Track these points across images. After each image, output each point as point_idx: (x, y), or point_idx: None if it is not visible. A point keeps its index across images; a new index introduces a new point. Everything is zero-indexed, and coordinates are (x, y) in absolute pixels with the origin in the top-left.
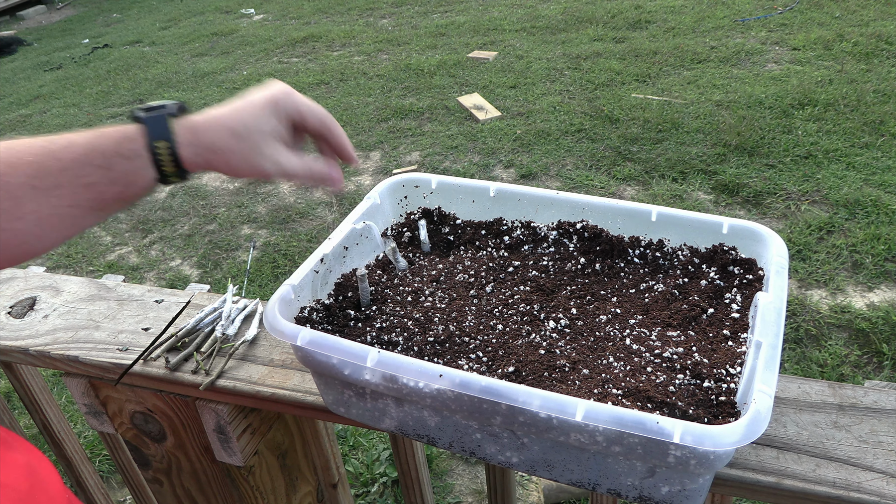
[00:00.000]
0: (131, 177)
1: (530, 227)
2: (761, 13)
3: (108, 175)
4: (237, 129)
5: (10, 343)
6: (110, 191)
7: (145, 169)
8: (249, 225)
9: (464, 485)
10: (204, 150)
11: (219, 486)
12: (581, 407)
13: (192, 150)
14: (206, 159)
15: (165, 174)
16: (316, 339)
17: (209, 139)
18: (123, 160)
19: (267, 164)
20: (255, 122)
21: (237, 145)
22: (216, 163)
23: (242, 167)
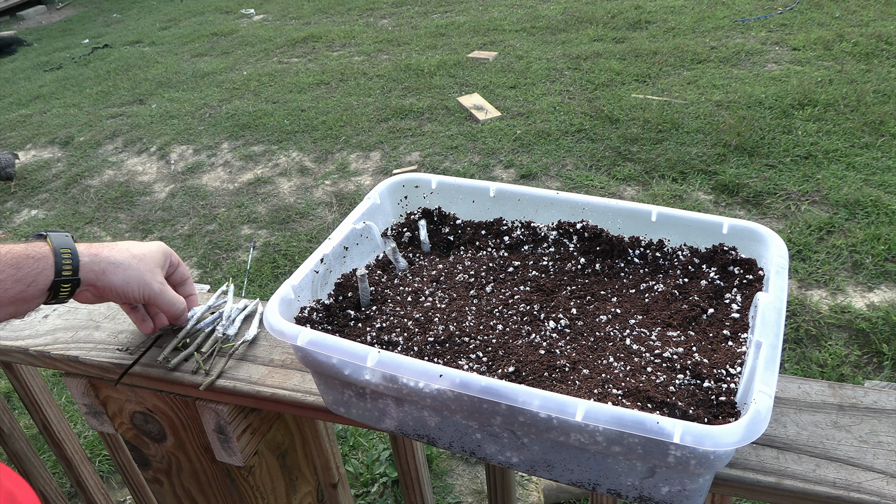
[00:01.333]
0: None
1: (530, 227)
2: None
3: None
4: (136, 253)
5: (10, 343)
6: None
7: (47, 270)
8: (249, 225)
9: (464, 485)
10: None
11: (219, 486)
12: (581, 407)
13: (92, 259)
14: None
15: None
16: (316, 339)
17: (108, 255)
18: (31, 260)
19: (156, 285)
20: (151, 254)
21: (136, 264)
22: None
23: (134, 282)
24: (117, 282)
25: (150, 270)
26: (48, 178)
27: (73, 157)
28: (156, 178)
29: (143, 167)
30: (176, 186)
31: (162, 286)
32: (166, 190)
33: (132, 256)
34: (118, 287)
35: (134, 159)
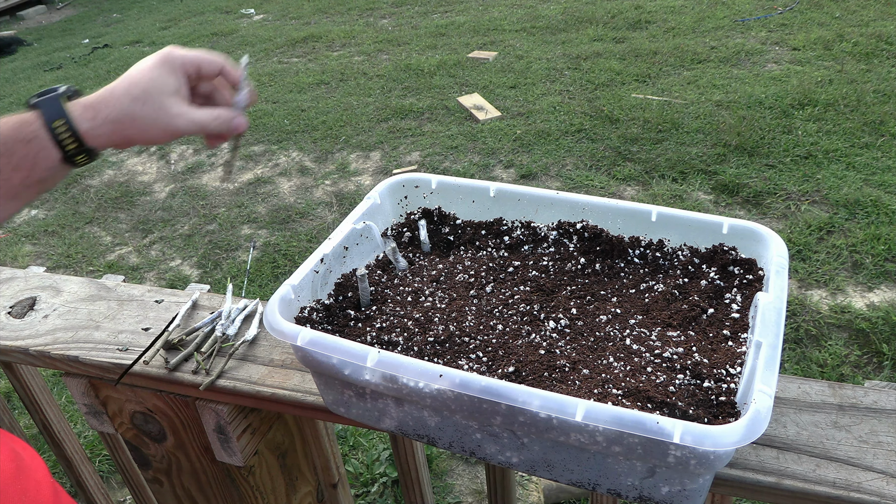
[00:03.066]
0: (34, 160)
1: (530, 227)
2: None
3: (10, 161)
4: (137, 95)
5: (10, 343)
6: (16, 176)
7: (47, 150)
8: (249, 225)
9: (464, 485)
10: (107, 122)
11: (219, 486)
12: (581, 407)
13: (93, 124)
14: (111, 130)
15: (69, 153)
16: (316, 339)
17: (108, 112)
18: (23, 144)
19: (179, 121)
20: (154, 84)
21: (142, 110)
22: (126, 131)
23: (154, 131)
24: (135, 136)
25: (161, 108)
26: None
27: None
28: (156, 177)
29: (144, 167)
30: (176, 186)
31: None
32: (166, 190)
33: (133, 101)
34: (140, 140)
35: (134, 159)
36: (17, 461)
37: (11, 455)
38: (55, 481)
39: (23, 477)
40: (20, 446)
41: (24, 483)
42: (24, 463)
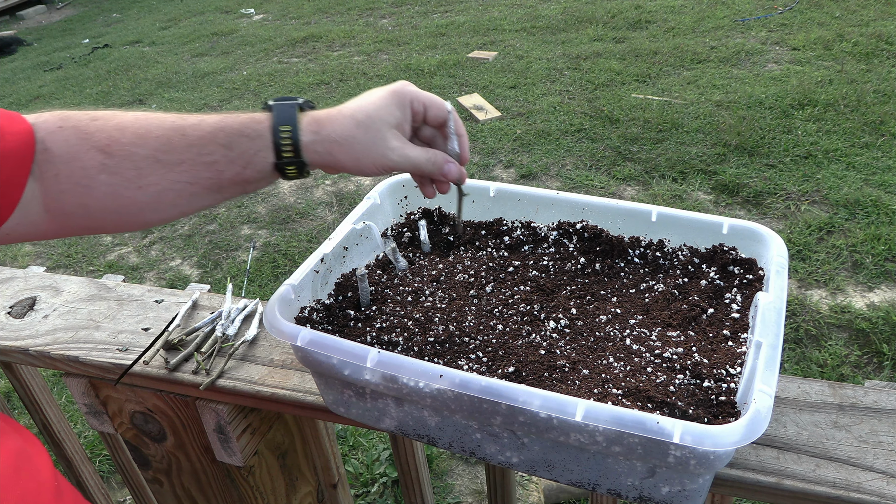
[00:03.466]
0: (250, 157)
1: (530, 227)
2: (761, 13)
3: (229, 154)
4: (360, 119)
5: (10, 343)
6: (229, 170)
7: (264, 151)
8: (249, 225)
9: (464, 485)
10: (326, 140)
11: (219, 486)
12: (581, 407)
13: (314, 138)
14: (327, 150)
15: (284, 160)
16: (316, 339)
17: (331, 130)
18: (245, 140)
19: (393, 155)
20: (379, 113)
21: (361, 135)
22: (339, 154)
23: (366, 159)
24: (347, 162)
25: (379, 138)
26: None
27: None
28: None
29: None
30: None
31: (398, 151)
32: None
33: (356, 125)
34: (350, 168)
35: None
36: (18, 459)
37: (15, 451)
38: (60, 476)
39: (24, 477)
40: (28, 440)
41: (24, 484)
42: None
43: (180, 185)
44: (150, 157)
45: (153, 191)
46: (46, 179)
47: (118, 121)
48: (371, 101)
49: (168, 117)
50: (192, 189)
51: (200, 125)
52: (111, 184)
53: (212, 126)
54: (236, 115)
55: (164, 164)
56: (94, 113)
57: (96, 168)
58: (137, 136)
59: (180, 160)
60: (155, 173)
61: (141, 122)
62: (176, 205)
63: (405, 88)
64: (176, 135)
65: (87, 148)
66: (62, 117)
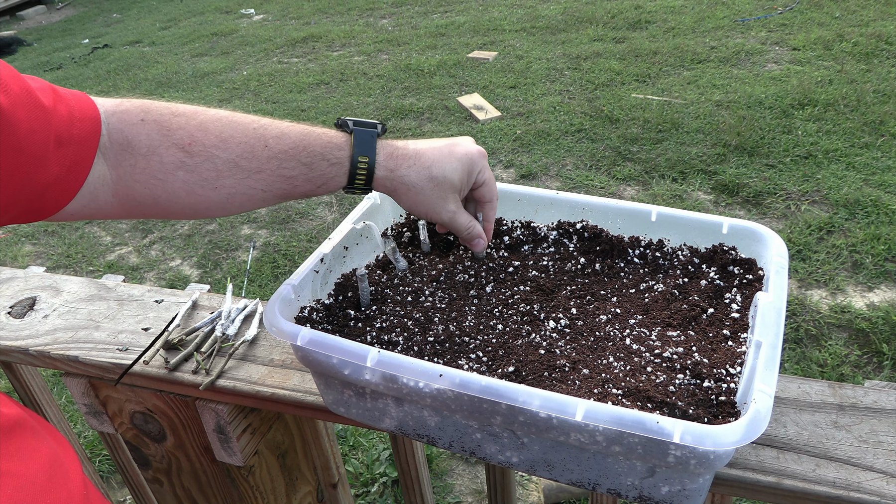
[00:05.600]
0: (327, 180)
1: (530, 227)
2: (761, 13)
3: (308, 173)
4: (436, 176)
5: (10, 343)
6: (304, 186)
7: (341, 177)
8: (249, 225)
9: (464, 485)
10: (397, 181)
11: (219, 486)
12: (581, 407)
13: (388, 174)
14: (394, 188)
15: (355, 187)
16: (316, 338)
17: (405, 173)
18: (326, 164)
19: (445, 214)
20: (451, 174)
21: (430, 190)
22: (402, 195)
23: (422, 209)
24: (406, 203)
25: (443, 198)
26: None
27: None
28: None
29: None
30: None
31: (450, 213)
32: None
33: (429, 180)
34: (406, 207)
35: None
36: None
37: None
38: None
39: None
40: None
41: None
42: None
43: (254, 191)
44: (230, 161)
45: (227, 192)
46: (122, 167)
47: (200, 119)
48: (448, 160)
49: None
50: (263, 196)
51: (283, 138)
52: (187, 181)
53: (295, 142)
54: (318, 135)
55: (244, 170)
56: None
57: (175, 164)
58: (220, 139)
59: (260, 169)
60: (233, 177)
61: (224, 124)
62: (243, 205)
63: (479, 159)
64: (259, 143)
65: (168, 144)
66: (143, 109)
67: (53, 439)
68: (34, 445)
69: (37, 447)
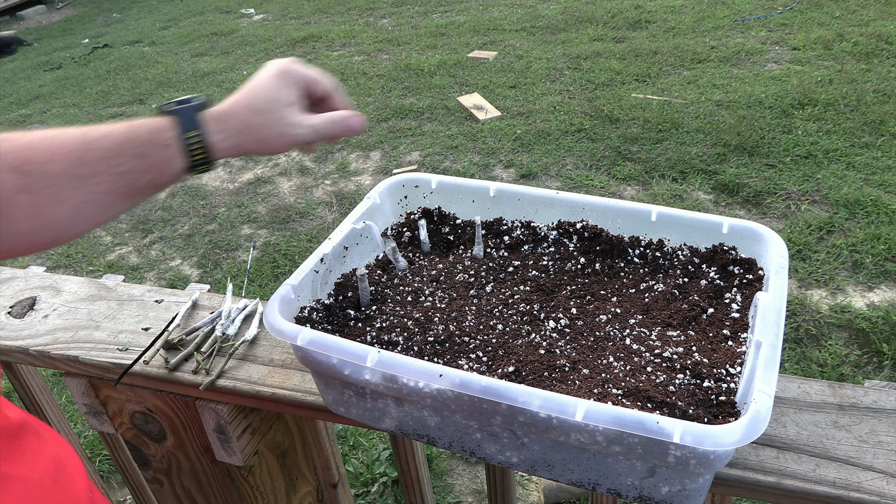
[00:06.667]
0: (164, 164)
1: (530, 227)
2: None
3: (142, 163)
4: (257, 106)
5: (10, 343)
6: (143, 178)
7: (177, 157)
8: (249, 225)
9: (464, 485)
10: (233, 133)
11: (219, 486)
12: (581, 407)
13: (221, 136)
14: (236, 142)
15: (195, 162)
16: (316, 339)
17: (235, 123)
18: (157, 148)
19: (298, 129)
20: (274, 95)
21: (263, 119)
22: (247, 143)
23: (273, 139)
24: (254, 146)
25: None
26: None
27: None
28: None
29: None
30: (176, 186)
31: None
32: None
33: (256, 113)
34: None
35: None
36: (58, 471)
37: (54, 466)
38: (94, 486)
39: (61, 489)
40: (65, 451)
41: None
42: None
43: (97, 196)
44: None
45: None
46: None
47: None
48: (262, 86)
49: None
50: (110, 199)
51: (109, 137)
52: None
53: (121, 138)
54: (143, 124)
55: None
56: None
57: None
58: (49, 152)
59: (94, 172)
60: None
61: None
62: (94, 214)
63: (290, 67)
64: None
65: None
66: None
67: (57, 442)
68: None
69: (41, 450)
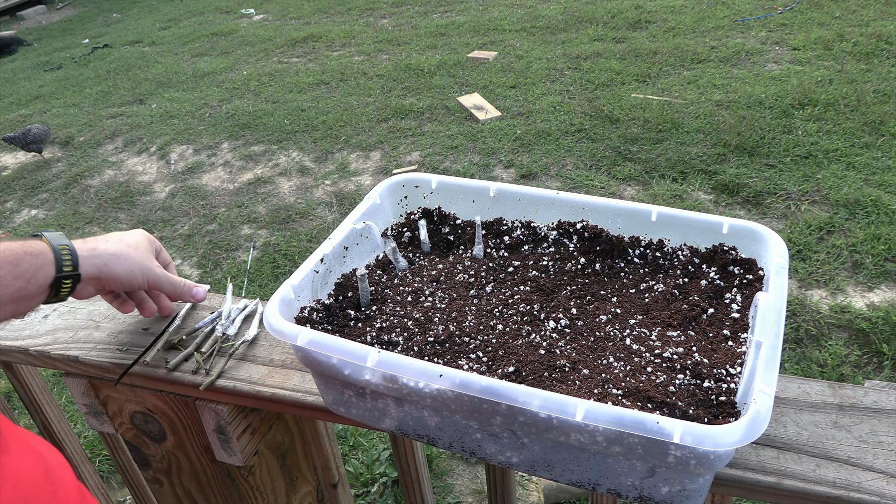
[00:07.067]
0: (34, 272)
1: (530, 227)
2: (761, 13)
3: (14, 270)
4: (131, 243)
5: (10, 343)
6: (14, 285)
7: (47, 266)
8: (249, 225)
9: (464, 485)
10: (103, 255)
11: (219, 486)
12: (581, 407)
13: (91, 254)
14: (104, 262)
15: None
16: (316, 339)
17: (106, 248)
18: (31, 257)
19: (158, 271)
20: (143, 243)
21: (133, 253)
22: (115, 266)
23: (137, 270)
24: (121, 271)
25: (147, 257)
26: (48, 178)
27: (73, 157)
28: (156, 177)
29: (143, 167)
30: (176, 186)
31: (160, 270)
32: (166, 190)
33: (128, 246)
34: (122, 277)
35: (134, 159)
36: (45, 464)
37: (39, 459)
38: (81, 484)
39: (51, 481)
40: (46, 449)
41: (52, 486)
42: (51, 466)
43: None
44: None
45: None
46: None
47: None
48: (133, 236)
49: None
50: None
51: None
52: None
53: None
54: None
55: None
56: None
57: None
58: None
59: None
60: None
61: None
62: None
63: (149, 235)
64: None
65: None
66: None
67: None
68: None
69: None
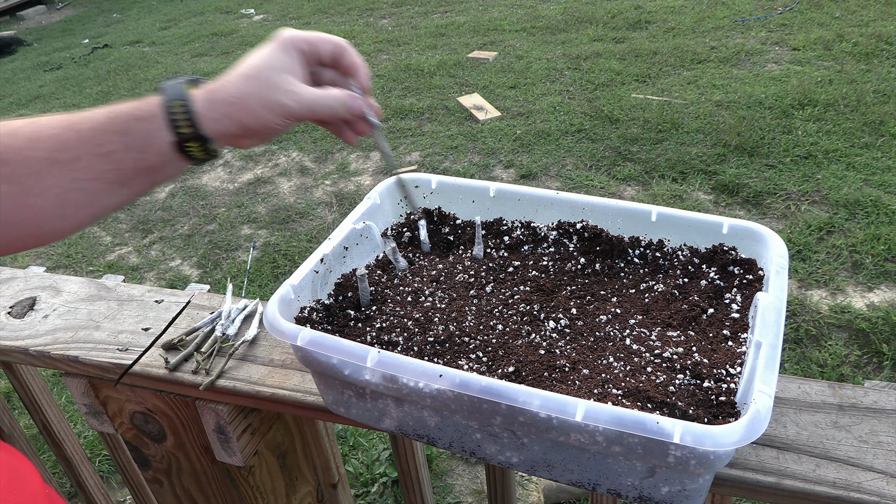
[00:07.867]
0: (147, 140)
1: (530, 227)
2: (761, 13)
3: (124, 140)
4: (247, 72)
5: (10, 343)
6: (128, 158)
7: (160, 130)
8: (249, 225)
9: (464, 485)
10: (220, 104)
11: (219, 486)
12: (581, 407)
13: (209, 106)
14: (223, 113)
15: (183, 136)
16: (316, 339)
17: (223, 93)
18: (139, 122)
19: (288, 100)
20: (265, 61)
21: (253, 87)
22: (236, 114)
23: (264, 111)
24: (245, 119)
25: (271, 86)
26: None
27: None
28: None
29: None
30: (176, 186)
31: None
32: (166, 190)
33: (246, 80)
34: (252, 124)
35: None
36: (10, 471)
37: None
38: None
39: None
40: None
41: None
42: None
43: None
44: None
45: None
46: None
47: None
48: (256, 55)
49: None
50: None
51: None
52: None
53: (103, 116)
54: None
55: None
56: None
57: None
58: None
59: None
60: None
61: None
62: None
63: (287, 33)
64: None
65: None
66: None
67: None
68: None
69: None
